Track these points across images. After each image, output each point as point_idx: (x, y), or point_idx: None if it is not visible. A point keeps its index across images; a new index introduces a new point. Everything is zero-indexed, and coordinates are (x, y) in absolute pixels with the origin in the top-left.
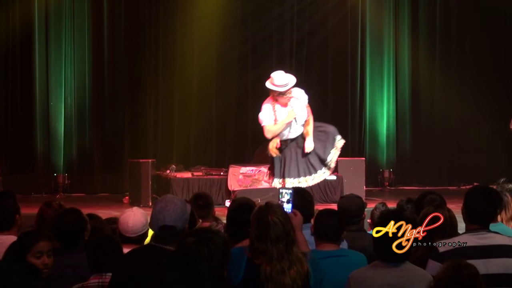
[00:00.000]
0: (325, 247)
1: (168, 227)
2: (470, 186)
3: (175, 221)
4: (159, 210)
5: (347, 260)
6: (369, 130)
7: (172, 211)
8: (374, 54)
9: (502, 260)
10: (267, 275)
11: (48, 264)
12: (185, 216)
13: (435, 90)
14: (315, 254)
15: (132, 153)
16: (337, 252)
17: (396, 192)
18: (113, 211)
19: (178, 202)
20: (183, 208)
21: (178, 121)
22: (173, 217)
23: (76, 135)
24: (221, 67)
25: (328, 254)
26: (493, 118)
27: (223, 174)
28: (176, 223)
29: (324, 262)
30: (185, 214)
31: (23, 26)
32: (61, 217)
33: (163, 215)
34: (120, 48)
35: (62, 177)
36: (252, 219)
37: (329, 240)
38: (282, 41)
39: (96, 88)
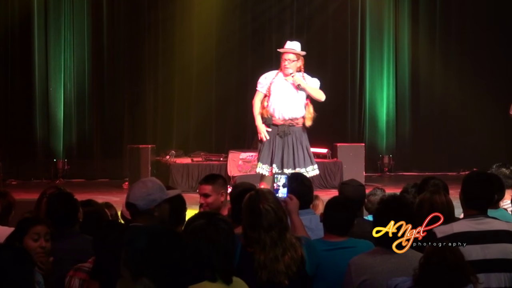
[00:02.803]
0: (332, 238)
1: (128, 204)
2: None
3: (136, 199)
4: (130, 187)
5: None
6: (368, 116)
7: (137, 190)
8: (374, 39)
9: (500, 246)
10: (261, 264)
11: (45, 247)
12: (151, 197)
13: (435, 75)
14: (321, 245)
15: (132, 139)
16: (344, 243)
17: (396, 178)
18: (113, 196)
19: (149, 184)
20: (150, 189)
21: (178, 107)
22: (136, 195)
23: (76, 120)
24: (221, 53)
25: (336, 245)
26: (493, 104)
27: (222, 159)
28: (137, 201)
29: (330, 254)
30: (151, 195)
31: (22, 12)
32: (52, 201)
33: (129, 193)
34: (119, 33)
35: (61, 163)
36: (243, 207)
37: (338, 233)
38: (282, 27)
39: (96, 73)
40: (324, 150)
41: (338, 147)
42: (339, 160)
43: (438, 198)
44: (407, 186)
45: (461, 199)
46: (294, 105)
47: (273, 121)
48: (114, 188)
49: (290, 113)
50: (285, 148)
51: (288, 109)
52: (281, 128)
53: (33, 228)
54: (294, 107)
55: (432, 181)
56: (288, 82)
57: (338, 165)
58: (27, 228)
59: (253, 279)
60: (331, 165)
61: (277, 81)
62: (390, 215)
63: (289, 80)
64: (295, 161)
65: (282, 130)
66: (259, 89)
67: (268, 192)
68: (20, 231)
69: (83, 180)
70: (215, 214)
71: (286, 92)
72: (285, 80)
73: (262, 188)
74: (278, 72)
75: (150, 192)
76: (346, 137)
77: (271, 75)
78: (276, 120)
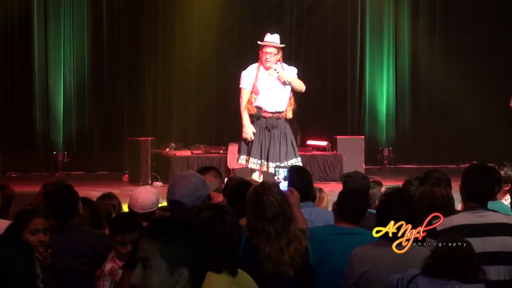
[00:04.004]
0: (343, 225)
1: (175, 202)
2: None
3: (183, 197)
4: (173, 184)
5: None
6: (368, 108)
7: (182, 187)
8: (374, 31)
9: (500, 238)
10: (265, 255)
11: (44, 241)
12: (198, 193)
13: (435, 67)
14: (330, 229)
15: (132, 131)
16: (353, 230)
17: (396, 171)
18: (113, 189)
19: (193, 179)
20: (197, 185)
21: (178, 99)
22: (182, 193)
23: (76, 113)
24: (221, 45)
25: (344, 230)
26: (493, 96)
27: (222, 152)
28: (185, 199)
29: (338, 238)
30: (198, 192)
31: (22, 4)
32: (52, 193)
33: (173, 190)
34: (119, 25)
35: (61, 155)
36: (248, 199)
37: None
38: (282, 19)
39: (95, 65)
40: (324, 142)
41: (338, 139)
42: (339, 153)
43: (439, 190)
44: (410, 178)
45: (461, 192)
46: (280, 98)
47: (262, 114)
48: (114, 180)
49: (276, 107)
50: (272, 142)
51: (275, 102)
52: (269, 121)
53: (31, 221)
54: (280, 100)
55: (435, 174)
56: (273, 76)
57: (338, 158)
58: (25, 222)
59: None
60: (331, 157)
61: (261, 77)
62: (393, 208)
63: (272, 74)
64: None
65: (271, 123)
66: (245, 86)
67: (272, 184)
68: (19, 224)
69: (83, 173)
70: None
71: (273, 86)
72: (268, 74)
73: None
74: (259, 65)
75: (196, 188)
76: (346, 129)
77: (253, 70)
78: (264, 113)
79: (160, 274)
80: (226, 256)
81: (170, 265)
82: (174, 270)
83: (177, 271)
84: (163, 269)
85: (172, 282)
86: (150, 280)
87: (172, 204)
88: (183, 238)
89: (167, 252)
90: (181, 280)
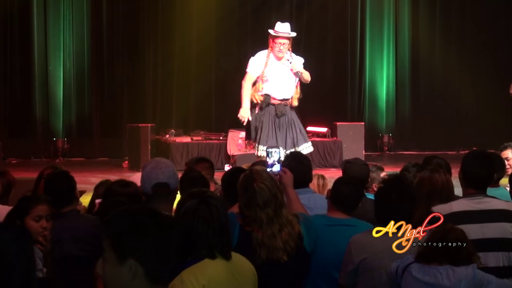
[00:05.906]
0: (336, 214)
1: (162, 184)
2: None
3: (169, 178)
4: (150, 169)
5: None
6: (368, 94)
7: (164, 169)
8: (374, 18)
9: (499, 225)
10: (259, 241)
11: (46, 228)
12: (177, 176)
13: (435, 54)
14: (322, 220)
15: (131, 118)
16: (346, 221)
17: (395, 157)
18: (113, 175)
19: (168, 163)
20: (174, 168)
21: (178, 86)
22: (166, 174)
23: (75, 99)
24: (220, 31)
25: (337, 221)
26: (493, 83)
27: (222, 138)
28: (170, 180)
29: (330, 229)
30: (176, 174)
31: None
32: (50, 180)
33: (156, 173)
34: (118, 11)
35: (61, 142)
36: (238, 187)
37: (343, 209)
38: (282, 5)
39: (95, 52)
40: (324, 129)
41: (338, 126)
42: (338, 139)
43: (438, 176)
44: (408, 165)
45: (461, 178)
46: (288, 86)
47: (271, 101)
48: (113, 167)
49: (284, 94)
50: (281, 129)
51: (284, 90)
52: (278, 107)
53: (34, 208)
54: (288, 88)
55: (435, 160)
56: (284, 64)
57: (338, 144)
58: (28, 208)
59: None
60: (330, 144)
61: (271, 65)
62: (392, 194)
63: (285, 63)
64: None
65: (280, 110)
66: (251, 71)
67: (262, 170)
68: (21, 211)
69: (82, 159)
70: (205, 192)
71: (282, 74)
72: (280, 63)
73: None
74: (269, 53)
75: (175, 171)
76: (346, 116)
77: (263, 57)
78: (273, 100)
79: (111, 265)
80: (217, 241)
81: (118, 256)
82: (122, 262)
83: (126, 263)
84: (112, 260)
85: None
86: (104, 270)
87: (158, 186)
88: (133, 230)
89: (115, 243)
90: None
